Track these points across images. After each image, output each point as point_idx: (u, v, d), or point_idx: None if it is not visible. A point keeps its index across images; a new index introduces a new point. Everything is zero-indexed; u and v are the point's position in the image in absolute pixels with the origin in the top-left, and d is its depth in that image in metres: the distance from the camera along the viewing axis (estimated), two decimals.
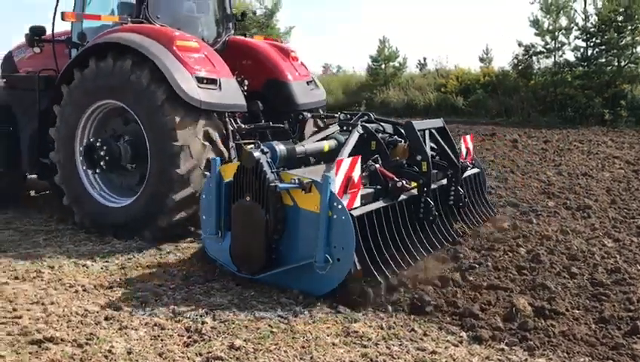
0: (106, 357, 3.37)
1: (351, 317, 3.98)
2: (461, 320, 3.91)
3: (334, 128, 6.06)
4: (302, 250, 4.35)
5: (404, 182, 4.80)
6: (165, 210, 5.57)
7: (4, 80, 7.34)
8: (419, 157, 5.15)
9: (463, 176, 5.91)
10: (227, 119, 5.99)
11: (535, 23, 23.11)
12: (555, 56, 22.98)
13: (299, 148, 5.37)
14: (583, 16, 22.38)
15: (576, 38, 22.40)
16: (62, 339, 3.54)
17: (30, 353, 3.41)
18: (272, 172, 4.40)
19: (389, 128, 6.00)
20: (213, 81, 5.78)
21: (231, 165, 4.85)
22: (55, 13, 6.45)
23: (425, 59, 31.60)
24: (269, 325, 3.83)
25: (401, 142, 5.75)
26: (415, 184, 5.08)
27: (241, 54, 7.10)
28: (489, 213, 6.39)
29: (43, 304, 4.16)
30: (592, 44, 21.89)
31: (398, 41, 42.36)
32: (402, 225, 4.83)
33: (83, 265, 5.05)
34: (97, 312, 4.00)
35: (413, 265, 4.64)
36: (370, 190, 4.72)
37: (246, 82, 6.70)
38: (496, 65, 26.43)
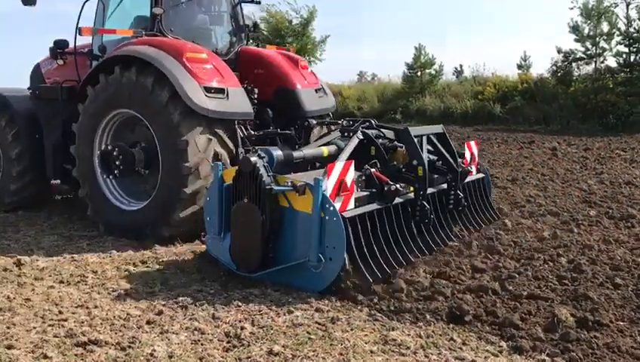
0: (148, 360, 3.44)
1: (389, 325, 3.97)
2: (501, 330, 3.85)
3: (336, 134, 6.27)
4: (297, 249, 4.60)
5: (397, 185, 5.01)
6: (171, 222, 5.85)
7: (31, 91, 7.73)
8: (415, 162, 5.36)
9: (466, 180, 6.09)
10: (237, 126, 6.20)
11: (575, 29, 22.73)
12: (595, 62, 22.55)
13: (297, 153, 5.67)
14: (626, 21, 21.93)
15: (619, 43, 21.95)
16: (106, 342, 3.63)
17: (76, 355, 3.50)
18: (269, 175, 4.67)
19: (390, 134, 6.13)
20: (220, 91, 6.02)
21: (231, 169, 5.04)
22: (77, 28, 6.77)
23: (461, 66, 31.45)
24: (307, 331, 3.85)
25: (401, 147, 5.84)
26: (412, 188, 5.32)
27: (252, 64, 7.33)
28: (492, 217, 6.56)
29: (87, 307, 4.26)
30: (634, 49, 21.41)
31: (434, 49, 42.17)
32: (397, 228, 5.03)
33: (125, 270, 5.15)
34: (139, 316, 4.09)
35: (406, 265, 4.82)
36: (366, 193, 4.96)
37: (256, 91, 6.89)
38: (534, 72, 26.07)
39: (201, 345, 3.66)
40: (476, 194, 6.48)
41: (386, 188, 4.97)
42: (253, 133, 6.51)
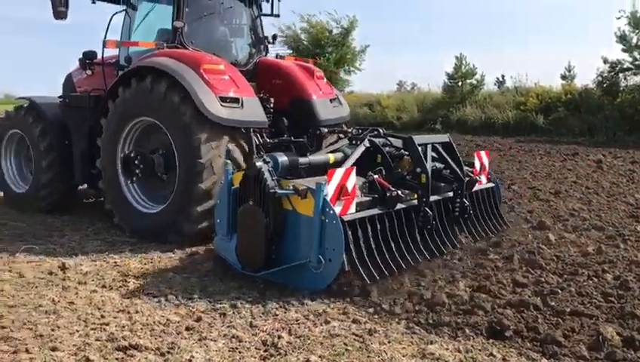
0: None
1: (427, 338, 3.92)
2: (542, 347, 3.76)
3: (345, 142, 6.56)
4: (299, 250, 4.82)
5: (399, 192, 5.18)
6: (190, 218, 6.15)
7: (61, 99, 8.11)
8: (418, 170, 5.54)
9: (474, 189, 6.28)
10: (252, 134, 6.46)
11: (622, 39, 22.15)
12: None
13: (303, 159, 6.03)
14: None
15: None
16: (145, 347, 3.69)
17: (116, 359, 3.57)
18: (273, 179, 4.92)
19: (397, 143, 6.26)
20: (235, 100, 6.33)
21: (239, 173, 5.24)
22: (104, 40, 7.15)
23: (503, 76, 30.96)
24: (344, 342, 3.83)
25: (407, 155, 5.90)
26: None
27: (270, 74, 7.65)
28: (499, 226, 6.62)
29: (128, 312, 4.34)
30: None
31: (475, 59, 41.73)
32: (398, 232, 5.19)
33: (165, 276, 5.22)
34: (179, 322, 4.14)
35: (406, 269, 4.97)
36: (368, 198, 5.13)
37: (272, 100, 7.21)
38: (578, 82, 25.48)
39: (239, 352, 3.68)
40: (484, 203, 6.59)
41: (387, 194, 5.14)
42: (268, 140, 6.79)
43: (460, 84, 28.03)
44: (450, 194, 5.99)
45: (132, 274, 5.30)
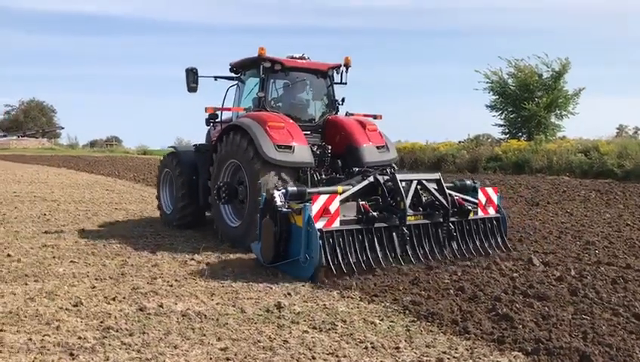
0: None
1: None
2: None
3: (359, 177, 8.48)
4: (295, 250, 6.96)
5: (375, 214, 7.20)
6: (255, 231, 7.97)
7: (194, 147, 11.11)
8: (398, 198, 7.51)
9: (477, 217, 8.17)
10: (310, 172, 8.88)
11: None
12: None
13: (310, 189, 7.76)
14: None
15: None
16: None
17: None
18: (281, 202, 7.15)
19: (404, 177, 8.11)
20: (288, 147, 8.64)
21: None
22: (222, 104, 10.07)
23: None
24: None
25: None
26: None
27: (334, 128, 9.96)
28: (499, 247, 8.28)
29: (337, 356, 4.51)
30: None
31: None
32: (377, 243, 7.21)
33: (371, 322, 5.30)
34: None
35: (368, 271, 6.91)
36: (353, 217, 7.18)
37: (329, 147, 9.65)
38: None
39: None
40: (486, 228, 8.30)
41: (366, 216, 7.12)
42: (323, 177, 9.18)
43: None
44: (440, 219, 7.83)
45: (340, 317, 5.46)
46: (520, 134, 34.52)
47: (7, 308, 5.60)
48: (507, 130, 35.54)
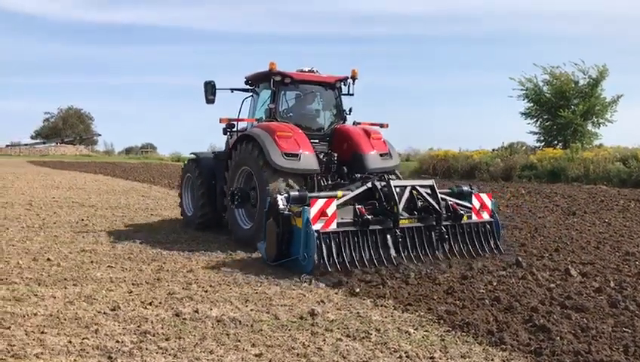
0: None
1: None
2: None
3: (358, 183, 9.03)
4: (296, 249, 7.59)
5: (370, 217, 7.74)
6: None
7: (213, 153, 11.95)
8: (392, 203, 8.00)
9: (471, 221, 8.64)
10: (316, 178, 9.54)
11: None
12: None
13: (311, 194, 8.28)
14: None
15: None
16: None
17: None
18: (284, 205, 7.79)
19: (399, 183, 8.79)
20: (295, 155, 9.28)
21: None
22: (238, 115, 10.92)
23: None
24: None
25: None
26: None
27: (341, 137, 10.51)
28: (491, 250, 8.70)
29: None
30: None
31: None
32: (370, 244, 7.78)
33: (405, 331, 5.24)
34: None
35: (359, 269, 7.44)
36: (350, 220, 7.71)
37: (335, 155, 10.16)
38: None
39: None
40: (478, 231, 8.73)
41: (361, 218, 7.68)
42: (330, 183, 9.75)
43: None
44: (433, 223, 8.31)
45: (374, 326, 5.41)
46: (555, 142, 33.98)
47: (47, 310, 5.74)
48: (542, 138, 35.06)
